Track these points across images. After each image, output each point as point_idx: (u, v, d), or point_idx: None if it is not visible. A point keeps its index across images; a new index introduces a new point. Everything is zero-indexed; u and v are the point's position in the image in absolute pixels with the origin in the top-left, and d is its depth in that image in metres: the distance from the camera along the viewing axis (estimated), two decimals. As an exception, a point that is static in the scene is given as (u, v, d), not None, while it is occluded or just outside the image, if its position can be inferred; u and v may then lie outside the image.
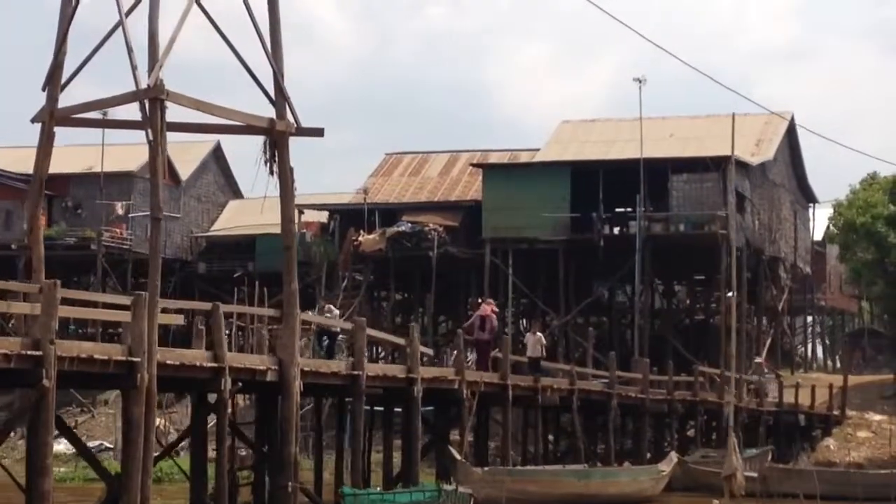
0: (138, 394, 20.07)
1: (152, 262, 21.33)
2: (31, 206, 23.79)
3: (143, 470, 20.20)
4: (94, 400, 53.13)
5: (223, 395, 22.00)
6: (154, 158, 21.04)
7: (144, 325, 20.19)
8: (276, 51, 23.50)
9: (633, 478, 29.26)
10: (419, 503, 22.58)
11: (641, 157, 47.46)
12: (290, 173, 23.65)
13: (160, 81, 20.86)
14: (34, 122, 23.30)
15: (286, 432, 23.16)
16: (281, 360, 23.24)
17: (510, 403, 29.12)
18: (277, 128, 23.15)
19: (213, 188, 63.84)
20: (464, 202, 53.46)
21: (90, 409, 52.85)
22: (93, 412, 52.70)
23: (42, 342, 18.64)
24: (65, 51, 22.86)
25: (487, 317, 30.00)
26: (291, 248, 23.93)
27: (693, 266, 53.95)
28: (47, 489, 18.81)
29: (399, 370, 26.23)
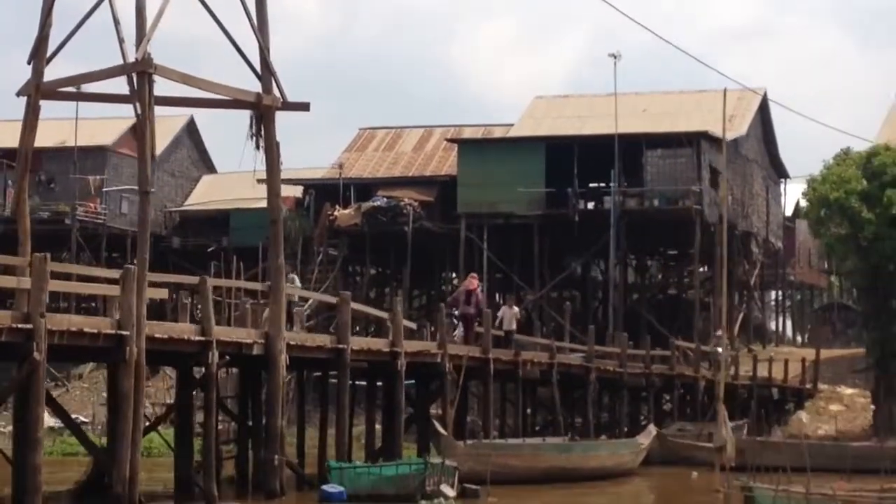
0: (127, 367, 20.17)
1: (140, 235, 21.42)
2: (19, 180, 23.79)
3: (132, 443, 20.32)
4: (69, 374, 53.04)
5: (210, 369, 22.08)
6: (142, 133, 21.10)
7: (133, 299, 20.26)
8: (262, 26, 23.56)
9: (613, 451, 29.51)
10: (405, 476, 22.66)
11: (616, 132, 47.60)
12: (277, 148, 23.74)
13: (148, 55, 20.88)
14: (19, 95, 23.35)
15: (272, 406, 23.30)
16: (268, 333, 23.35)
17: (491, 377, 29.31)
18: (264, 102, 23.21)
19: (186, 163, 63.66)
20: (439, 177, 53.52)
21: (64, 382, 52.74)
22: (67, 386, 52.59)
23: (32, 315, 18.72)
24: (50, 24, 22.85)
25: (473, 291, 30.19)
26: (277, 221, 24.05)
27: (666, 241, 54.27)
28: (38, 463, 18.93)
29: (383, 344, 26.37)
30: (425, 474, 22.50)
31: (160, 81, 21.41)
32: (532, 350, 33.00)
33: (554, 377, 31.78)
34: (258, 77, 23.47)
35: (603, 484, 27.97)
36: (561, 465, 27.43)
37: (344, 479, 22.87)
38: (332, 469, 23.21)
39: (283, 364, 23.33)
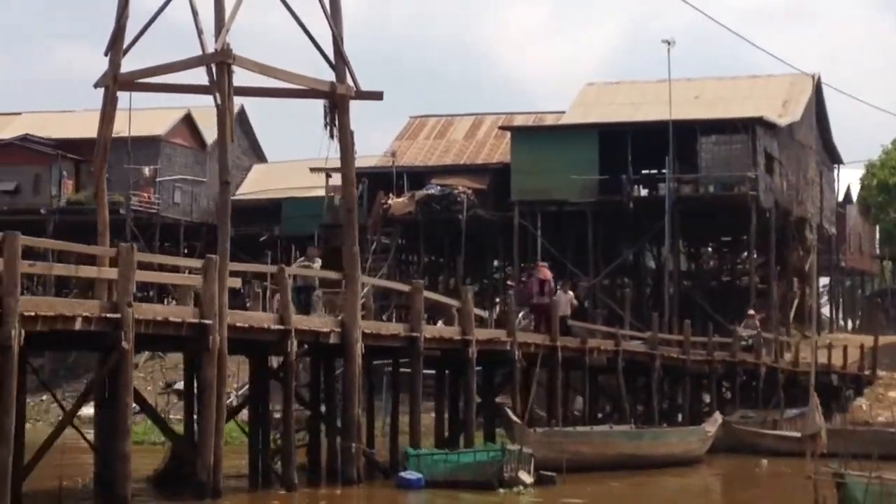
0: (210, 356, 20.34)
1: (221, 226, 21.58)
2: (97, 170, 24.00)
3: (215, 432, 20.50)
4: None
5: (289, 358, 22.22)
6: (222, 123, 21.24)
7: (216, 288, 20.43)
8: (335, 14, 23.63)
9: (681, 438, 29.46)
10: (483, 463, 22.73)
11: (670, 118, 47.42)
12: (351, 137, 23.82)
13: (227, 45, 20.99)
14: (97, 87, 23.53)
15: (349, 394, 23.44)
16: (343, 322, 23.46)
17: (560, 365, 29.34)
18: (338, 91, 23.28)
19: (237, 152, 63.69)
20: (491, 165, 53.51)
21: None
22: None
23: (120, 305, 18.90)
24: (127, 15, 23.02)
25: (546, 280, 30.27)
26: (353, 210, 24.13)
27: (720, 227, 54.07)
28: (127, 451, 19.10)
29: (454, 332, 26.41)
30: (503, 461, 22.56)
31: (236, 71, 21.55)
32: (589, 337, 32.90)
33: (619, 365, 31.72)
34: (331, 66, 23.56)
35: (672, 471, 27.91)
36: (630, 452, 27.42)
37: (421, 465, 23.00)
38: (410, 456, 23.32)
39: (358, 353, 23.45)
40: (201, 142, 60.40)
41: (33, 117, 61.14)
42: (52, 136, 57.20)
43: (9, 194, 55.39)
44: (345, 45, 23.52)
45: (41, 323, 17.72)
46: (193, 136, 60.21)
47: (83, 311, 18.50)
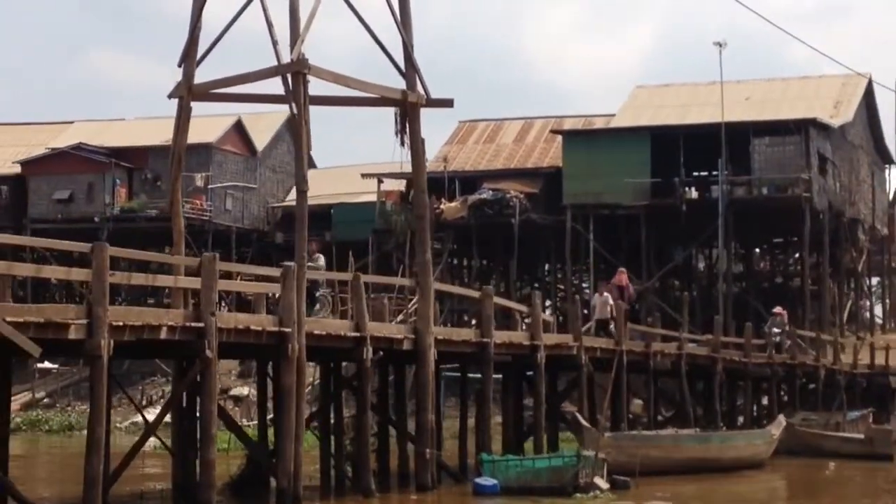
0: (289, 363, 20.48)
1: (299, 232, 21.79)
2: (172, 180, 24.19)
3: (295, 438, 20.66)
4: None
5: (364, 365, 22.36)
6: (299, 132, 21.38)
7: (294, 296, 20.59)
8: (405, 22, 23.75)
9: (748, 441, 29.44)
10: (558, 468, 22.80)
11: (723, 120, 47.38)
12: (422, 144, 23.96)
13: (303, 56, 21.14)
14: (171, 97, 23.72)
15: (423, 400, 23.53)
16: (417, 328, 23.60)
17: (624, 369, 29.37)
18: (410, 99, 23.41)
19: (286, 158, 64.02)
20: (543, 169, 53.57)
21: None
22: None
23: (203, 314, 19.06)
24: (200, 27, 23.23)
25: (625, 287, 30.35)
26: (424, 217, 24.27)
27: (772, 229, 53.95)
28: (212, 458, 19.25)
29: (523, 337, 26.52)
30: (578, 467, 22.61)
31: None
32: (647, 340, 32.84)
33: (682, 368, 31.73)
34: (402, 74, 23.70)
35: (740, 475, 27.88)
36: (699, 455, 27.42)
37: (496, 471, 23.05)
38: (485, 462, 23.39)
39: (431, 359, 23.58)
40: (251, 148, 60.77)
41: (85, 126, 61.70)
42: (104, 145, 57.74)
43: (63, 203, 55.97)
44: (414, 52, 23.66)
45: (128, 332, 17.93)
46: (244, 142, 60.59)
47: (168, 321, 18.70)
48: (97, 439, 17.48)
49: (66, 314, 17.32)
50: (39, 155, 57.31)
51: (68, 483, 25.24)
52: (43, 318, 16.86)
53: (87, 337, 17.24)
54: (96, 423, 17.56)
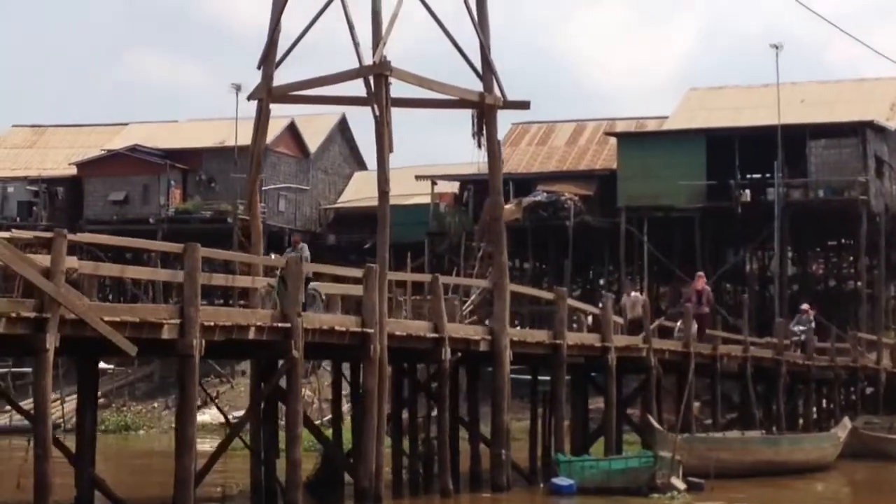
0: (371, 364, 20.66)
1: (380, 235, 21.97)
2: (250, 183, 24.42)
3: (377, 438, 20.82)
4: (233, 370, 54.04)
5: (444, 366, 22.50)
6: (381, 134, 21.56)
7: (376, 297, 20.77)
8: (482, 24, 23.87)
9: (816, 445, 29.42)
10: (635, 469, 22.89)
11: (779, 123, 47.27)
12: (498, 146, 24.10)
13: (385, 58, 21.31)
14: (250, 99, 23.98)
15: (499, 401, 23.67)
16: (493, 329, 23.73)
17: (692, 371, 29.38)
18: (487, 101, 23.55)
19: (338, 160, 64.47)
20: (598, 171, 53.53)
21: (229, 379, 53.77)
22: (231, 383, 53.60)
23: (290, 315, 19.26)
24: (279, 30, 23.44)
25: (703, 290, 30.36)
26: (499, 219, 24.39)
27: (828, 232, 53.74)
28: (298, 457, 19.46)
29: (595, 339, 26.59)
30: (655, 468, 22.68)
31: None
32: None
33: (748, 371, 31.71)
34: (479, 76, 23.84)
35: (809, 477, 27.87)
36: (769, 458, 27.43)
37: (573, 472, 23.17)
38: (561, 462, 23.52)
39: (507, 360, 23.71)
40: (304, 150, 61.05)
41: (139, 128, 62.13)
42: (158, 147, 58.14)
43: (118, 204, 56.37)
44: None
45: (218, 332, 18.15)
46: (297, 144, 60.87)
47: (256, 321, 18.93)
48: (188, 438, 17.71)
49: (158, 314, 17.57)
50: (95, 157, 57.77)
51: (144, 483, 25.55)
52: (138, 318, 17.11)
53: (179, 337, 17.50)
54: (187, 422, 17.81)
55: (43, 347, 15.76)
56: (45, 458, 15.77)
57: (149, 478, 26.98)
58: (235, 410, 51.12)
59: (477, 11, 23.81)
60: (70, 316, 16.00)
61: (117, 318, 16.74)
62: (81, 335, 16.35)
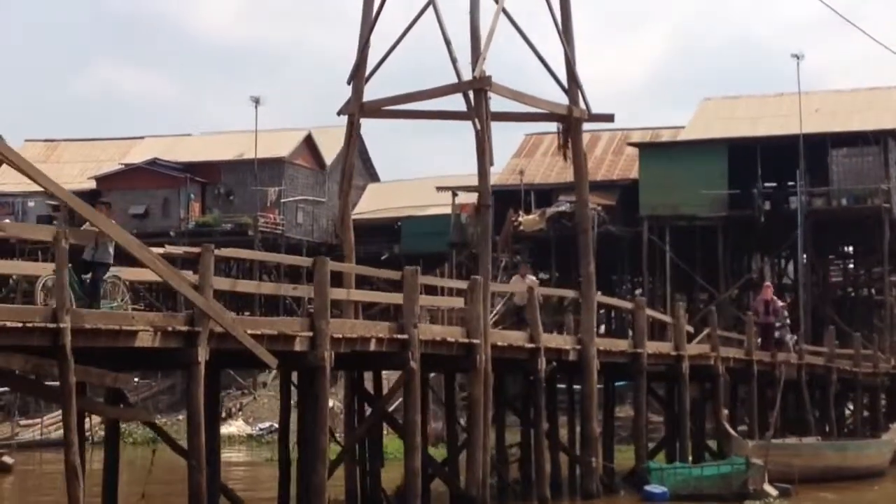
0: (477, 374, 20.95)
1: (482, 247, 22.24)
2: (343, 196, 24.61)
3: (482, 447, 21.12)
4: (255, 382, 54.18)
5: (539, 375, 22.82)
6: (482, 148, 21.84)
7: (480, 308, 21.08)
8: (568, 39, 24.22)
9: (878, 450, 29.87)
10: (727, 476, 23.24)
11: (801, 132, 47.83)
12: (584, 159, 24.45)
13: (484, 73, 21.63)
14: (340, 114, 24.25)
15: (588, 409, 24.02)
16: (582, 339, 24.07)
17: (755, 378, 29.82)
18: (574, 114, 23.91)
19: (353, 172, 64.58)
20: (619, 181, 54.00)
21: (251, 391, 53.92)
22: (254, 394, 53.74)
23: (406, 326, 19.56)
24: (369, 46, 23.72)
25: (770, 301, 30.75)
26: (587, 231, 24.77)
27: (850, 240, 54.31)
28: (418, 465, 19.73)
29: (669, 347, 26.97)
30: (747, 474, 23.03)
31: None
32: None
33: (803, 378, 32.16)
34: (564, 90, 24.19)
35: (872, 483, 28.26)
36: (836, 464, 27.82)
37: (664, 479, 23.50)
38: (652, 470, 23.86)
39: (595, 369, 24.05)
40: (321, 162, 61.30)
41: (156, 141, 62.25)
42: (176, 160, 58.29)
43: (138, 217, 56.40)
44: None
45: (344, 344, 18.44)
46: (313, 156, 61.12)
47: (377, 333, 19.23)
48: (322, 449, 17.99)
49: (293, 327, 17.85)
50: (114, 170, 57.84)
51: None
52: (276, 331, 17.39)
53: (309, 349, 17.78)
54: (321, 431, 18.05)
55: (195, 360, 16.01)
56: (200, 469, 16.01)
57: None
58: (259, 422, 51.47)
59: (562, 26, 24.15)
60: (218, 329, 16.25)
61: (258, 330, 17.02)
62: (225, 348, 16.58)
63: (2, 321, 13.65)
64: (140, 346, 15.40)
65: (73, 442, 14.48)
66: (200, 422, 16.18)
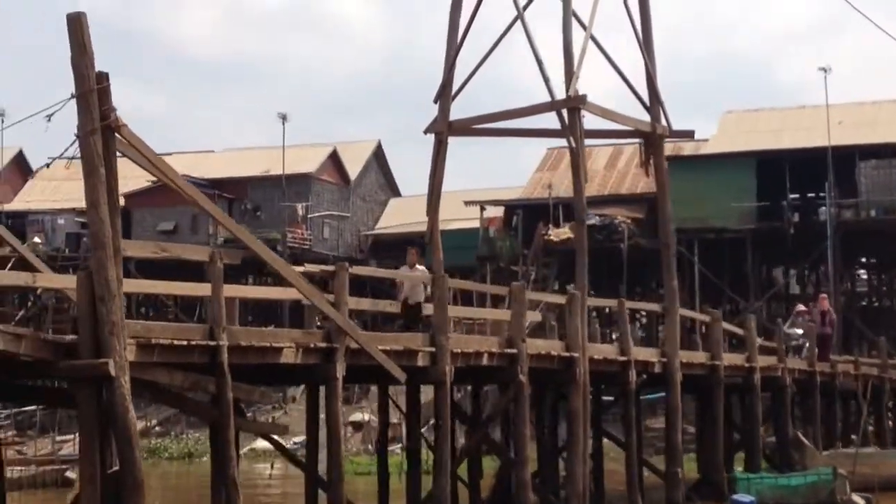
0: (577, 388, 21.30)
1: (579, 259, 22.56)
2: (431, 213, 24.94)
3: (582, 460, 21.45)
4: (284, 396, 54.34)
5: (629, 387, 23.17)
6: (576, 166, 22.25)
7: (578, 322, 21.44)
8: (650, 55, 24.63)
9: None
10: (815, 485, 23.58)
11: (829, 144, 48.35)
12: (666, 175, 24.85)
13: (577, 91, 22.02)
14: (427, 133, 24.55)
15: (673, 420, 24.36)
16: (666, 352, 24.44)
17: (817, 389, 30.21)
18: (657, 132, 24.31)
19: (375, 187, 65.08)
20: (647, 194, 54.21)
21: (281, 405, 54.09)
22: (284, 409, 53.93)
23: (514, 340, 19.92)
24: (455, 65, 24.09)
25: (827, 312, 31.13)
26: (670, 245, 25.13)
27: (877, 251, 54.81)
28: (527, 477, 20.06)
29: (741, 359, 27.35)
30: (834, 484, 23.38)
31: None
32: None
33: (859, 388, 32.55)
34: (645, 107, 24.59)
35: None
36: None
37: (751, 488, 23.82)
38: (739, 479, 24.19)
39: (678, 381, 24.41)
40: (345, 178, 61.63)
41: (179, 157, 62.30)
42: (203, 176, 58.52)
43: (167, 234, 56.65)
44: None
45: (461, 359, 18.78)
46: (338, 172, 61.45)
47: (488, 348, 19.58)
48: (444, 462, 18.30)
49: (416, 342, 18.19)
50: (143, 187, 57.94)
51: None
52: (402, 347, 17.74)
53: (430, 364, 18.11)
54: (443, 441, 18.36)
55: (334, 375, 16.34)
56: (340, 480, 16.35)
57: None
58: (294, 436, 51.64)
59: (644, 44, 24.56)
60: (353, 345, 16.57)
61: (387, 346, 17.36)
62: (357, 363, 16.89)
63: (168, 339, 13.96)
64: (284, 362, 15.73)
65: (232, 456, 14.82)
66: (340, 436, 16.53)
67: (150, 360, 13.49)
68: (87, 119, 12.43)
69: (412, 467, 20.96)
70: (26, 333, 12.55)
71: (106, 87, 12.44)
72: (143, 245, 20.28)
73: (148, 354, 13.42)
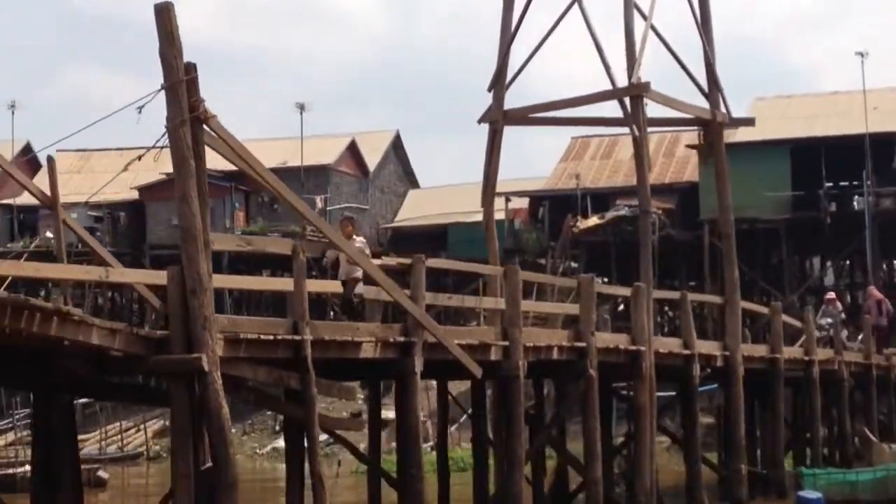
0: (643, 382, 20.69)
1: (643, 254, 21.93)
2: (487, 204, 24.32)
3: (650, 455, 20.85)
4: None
5: (693, 382, 22.54)
6: (640, 154, 21.64)
7: (644, 316, 20.81)
8: (709, 42, 23.97)
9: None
10: (884, 481, 22.97)
11: (867, 131, 47.53)
12: (726, 163, 24.22)
13: (640, 79, 21.36)
14: (481, 122, 23.87)
15: (735, 416, 23.74)
16: (728, 345, 23.81)
17: (874, 384, 29.58)
18: (717, 119, 23.65)
19: (393, 178, 64.30)
20: (678, 184, 53.64)
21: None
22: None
23: (584, 334, 19.32)
24: (509, 54, 23.45)
25: (882, 301, 30.48)
26: (730, 236, 24.48)
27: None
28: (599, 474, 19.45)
29: (800, 352, 26.72)
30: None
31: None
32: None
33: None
34: (704, 95, 23.92)
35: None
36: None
37: (818, 484, 23.19)
38: (806, 475, 23.57)
39: (740, 375, 23.79)
40: (364, 169, 60.86)
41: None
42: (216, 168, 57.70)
43: (183, 227, 55.82)
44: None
45: (531, 353, 18.17)
46: (357, 163, 60.68)
47: (557, 341, 18.99)
48: (518, 457, 17.76)
49: (489, 336, 17.59)
50: (157, 181, 57.16)
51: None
52: (477, 341, 17.14)
53: (503, 358, 17.53)
54: (515, 437, 17.75)
55: (412, 370, 15.82)
56: (419, 478, 15.82)
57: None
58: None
59: (703, 31, 23.90)
60: (430, 339, 15.99)
61: (464, 340, 16.76)
62: (434, 358, 16.30)
63: (255, 333, 13.46)
64: (364, 356, 15.19)
65: (317, 451, 14.42)
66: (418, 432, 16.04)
67: (237, 356, 12.93)
68: (177, 110, 11.91)
69: (478, 465, 20.39)
70: (120, 328, 12.06)
71: (194, 78, 11.97)
72: (229, 238, 19.82)
73: (235, 349, 12.97)
